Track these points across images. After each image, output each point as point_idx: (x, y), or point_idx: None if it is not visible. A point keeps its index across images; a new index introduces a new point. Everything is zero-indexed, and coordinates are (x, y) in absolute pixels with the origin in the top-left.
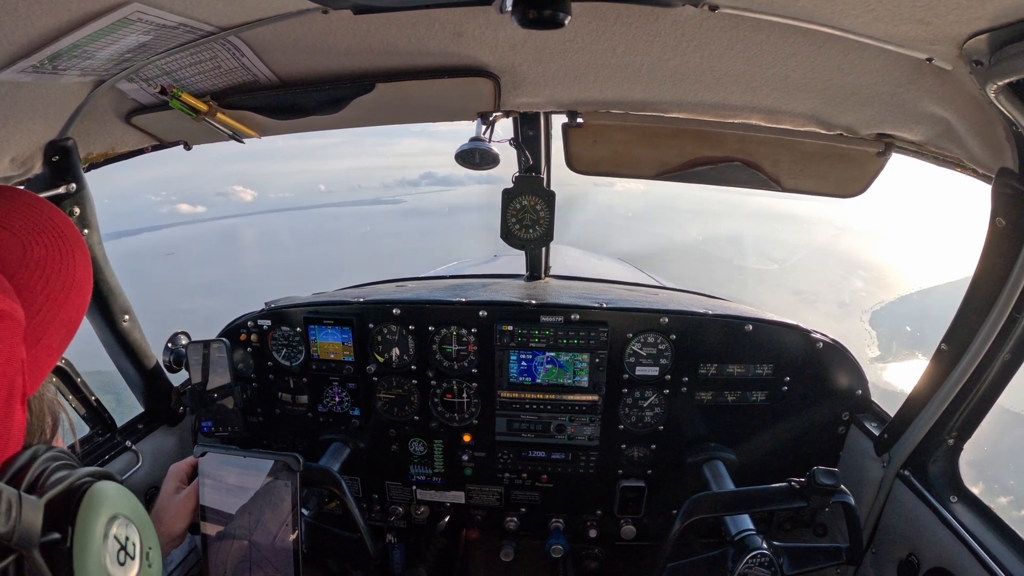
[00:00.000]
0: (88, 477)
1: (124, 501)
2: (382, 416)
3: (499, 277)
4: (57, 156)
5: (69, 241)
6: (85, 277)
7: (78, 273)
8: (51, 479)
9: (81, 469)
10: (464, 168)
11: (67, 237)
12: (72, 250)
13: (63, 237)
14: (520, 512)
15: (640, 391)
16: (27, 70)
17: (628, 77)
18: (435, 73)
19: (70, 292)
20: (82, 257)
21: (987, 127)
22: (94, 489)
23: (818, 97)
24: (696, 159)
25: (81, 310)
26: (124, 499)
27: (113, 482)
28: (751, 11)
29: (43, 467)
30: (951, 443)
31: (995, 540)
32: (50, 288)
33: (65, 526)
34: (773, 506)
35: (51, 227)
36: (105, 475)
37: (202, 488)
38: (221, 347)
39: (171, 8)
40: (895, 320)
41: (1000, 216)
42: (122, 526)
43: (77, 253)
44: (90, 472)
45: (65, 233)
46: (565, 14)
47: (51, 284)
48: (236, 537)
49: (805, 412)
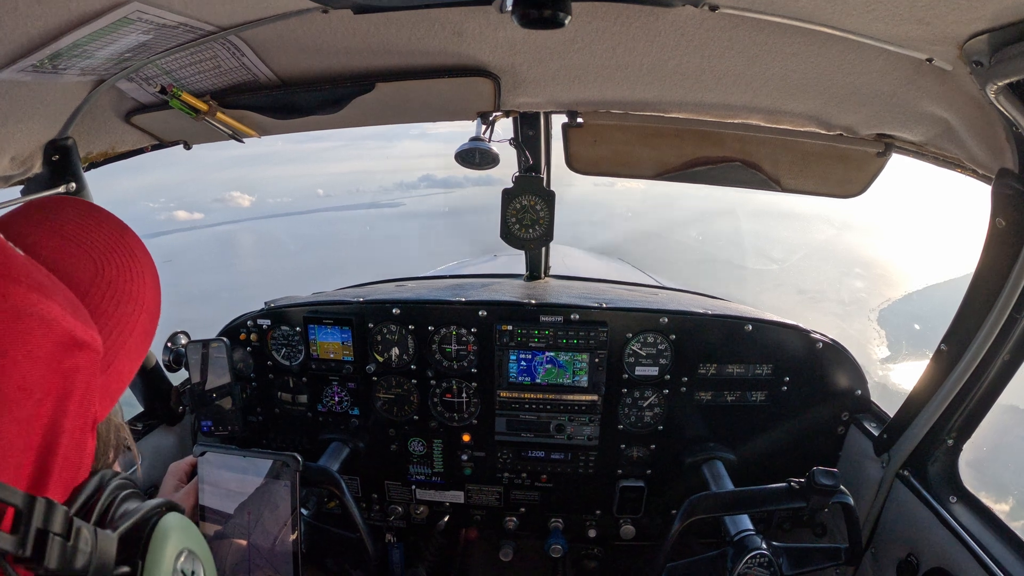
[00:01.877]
0: (156, 509)
1: (190, 534)
2: (381, 416)
3: (499, 277)
4: (57, 155)
5: (140, 263)
6: (154, 302)
7: (147, 296)
8: (120, 510)
9: (149, 501)
10: (464, 169)
11: (138, 258)
12: (143, 272)
13: (135, 258)
14: (519, 512)
15: (640, 391)
16: (27, 69)
17: (628, 77)
18: (435, 73)
19: (140, 316)
20: (152, 280)
21: (987, 127)
22: (163, 522)
23: (818, 97)
24: (696, 159)
25: (150, 335)
26: (190, 532)
27: (178, 513)
28: (751, 11)
29: (112, 496)
30: (951, 443)
31: (994, 540)
32: (120, 311)
33: (136, 560)
34: (772, 506)
35: (124, 247)
36: (171, 506)
37: (201, 487)
38: (221, 347)
39: (171, 7)
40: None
41: (1000, 216)
42: (189, 560)
43: (147, 275)
44: (157, 504)
45: (136, 254)
46: (565, 14)
47: (121, 307)
48: (235, 536)
49: (804, 412)
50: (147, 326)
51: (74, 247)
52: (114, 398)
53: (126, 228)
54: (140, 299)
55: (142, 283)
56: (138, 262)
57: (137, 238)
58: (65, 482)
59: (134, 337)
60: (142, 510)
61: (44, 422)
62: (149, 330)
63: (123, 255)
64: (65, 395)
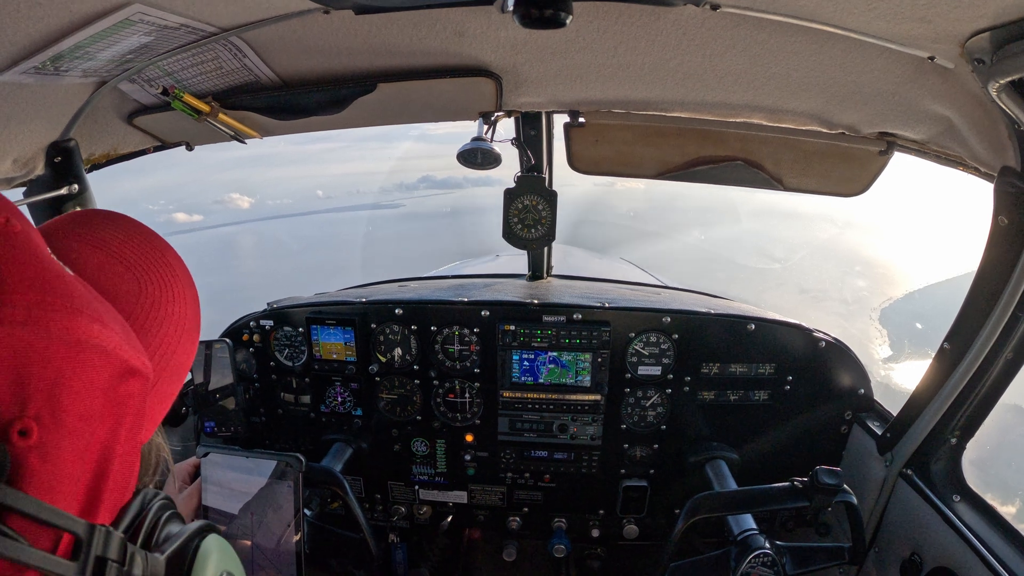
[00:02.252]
0: (198, 532)
1: (229, 556)
2: (384, 416)
3: (501, 277)
4: (59, 157)
5: (181, 281)
6: (195, 317)
7: (188, 316)
8: (164, 531)
9: (191, 524)
10: (464, 170)
11: (179, 276)
12: (184, 293)
13: (175, 276)
14: (523, 512)
15: (642, 391)
16: (29, 71)
17: (630, 76)
18: (437, 73)
19: (182, 336)
20: (192, 299)
21: (989, 125)
22: (204, 544)
23: (820, 96)
24: (698, 158)
25: (191, 355)
26: (229, 554)
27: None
28: (753, 10)
29: (156, 517)
30: (954, 442)
31: (998, 539)
32: (163, 332)
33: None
34: (776, 506)
35: (164, 264)
36: (211, 528)
37: (204, 488)
38: (223, 347)
39: (173, 9)
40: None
41: (1002, 215)
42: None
43: (188, 295)
44: (200, 528)
45: (177, 272)
46: (567, 14)
47: (164, 327)
48: (238, 537)
49: (808, 411)
50: (188, 347)
51: (119, 265)
52: (158, 420)
53: (167, 246)
54: (182, 320)
55: (184, 304)
56: (179, 282)
57: (178, 256)
58: (113, 503)
59: (177, 357)
60: (185, 533)
61: (98, 448)
62: (190, 350)
63: (166, 274)
64: (118, 422)
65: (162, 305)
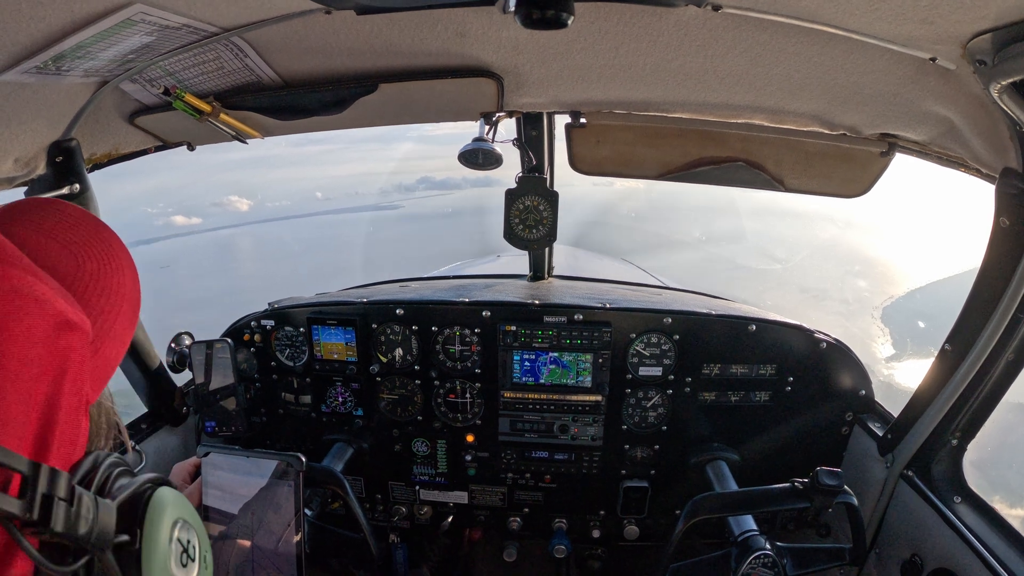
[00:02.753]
0: (150, 482)
1: (184, 506)
2: (385, 416)
3: (502, 277)
4: (61, 157)
5: (118, 254)
6: (135, 289)
7: (128, 285)
8: (116, 484)
9: (142, 476)
10: (463, 170)
11: (115, 250)
12: (122, 263)
13: (112, 250)
14: (523, 512)
15: (643, 391)
16: (31, 71)
17: (631, 77)
18: (438, 73)
19: (123, 304)
20: (130, 270)
21: (991, 127)
22: (158, 494)
23: (821, 97)
24: (699, 159)
25: (133, 322)
26: (184, 504)
27: (171, 488)
28: (754, 11)
29: (107, 472)
30: (955, 443)
31: (999, 541)
32: (105, 300)
33: (134, 528)
34: (776, 506)
35: (100, 240)
36: (163, 481)
37: (205, 488)
38: (224, 347)
39: (174, 9)
40: (907, 315)
41: (1004, 216)
42: (184, 530)
43: (126, 266)
44: (151, 478)
45: (113, 246)
46: (568, 14)
47: (105, 296)
48: (239, 537)
49: (808, 412)
50: (130, 314)
51: (55, 244)
52: (103, 382)
53: (101, 224)
54: (122, 289)
55: (122, 275)
56: (116, 256)
57: (113, 233)
58: (63, 457)
59: (119, 323)
60: (137, 482)
61: (42, 398)
62: (132, 318)
63: (102, 249)
64: (60, 373)
65: (101, 276)
